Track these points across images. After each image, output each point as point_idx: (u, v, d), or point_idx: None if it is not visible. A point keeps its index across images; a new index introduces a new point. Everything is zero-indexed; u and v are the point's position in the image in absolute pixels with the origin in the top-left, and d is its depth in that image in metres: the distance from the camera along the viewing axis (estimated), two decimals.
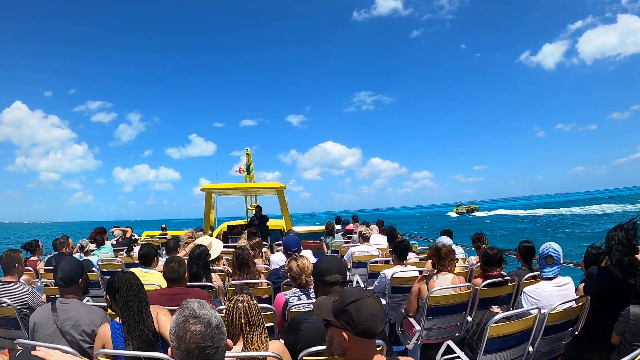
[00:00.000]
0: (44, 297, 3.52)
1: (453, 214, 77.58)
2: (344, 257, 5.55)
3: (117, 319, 2.09)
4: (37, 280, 4.46)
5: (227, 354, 1.84)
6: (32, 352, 1.31)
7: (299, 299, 2.75)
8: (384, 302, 3.92)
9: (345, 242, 7.68)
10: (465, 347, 3.00)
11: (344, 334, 1.39)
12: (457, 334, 3.34)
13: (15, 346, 1.87)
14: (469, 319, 3.33)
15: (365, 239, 5.83)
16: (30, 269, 4.77)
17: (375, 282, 4.23)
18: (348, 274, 4.74)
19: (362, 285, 4.89)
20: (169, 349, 1.26)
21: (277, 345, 1.92)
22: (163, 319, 2.13)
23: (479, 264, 3.85)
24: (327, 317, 1.47)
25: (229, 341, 1.29)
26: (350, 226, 9.27)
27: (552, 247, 3.01)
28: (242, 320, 1.85)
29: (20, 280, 3.25)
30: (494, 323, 2.41)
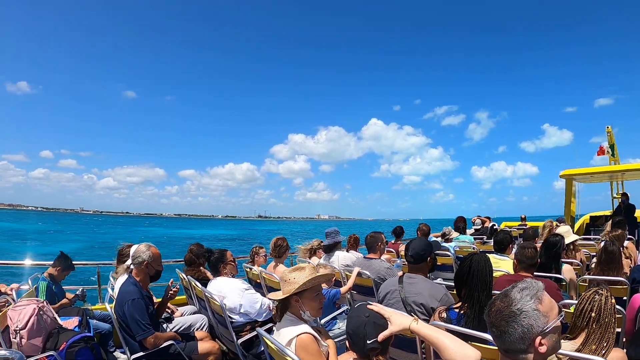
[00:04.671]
0: (400, 272, 4.22)
1: None
2: None
3: (455, 309, 2.16)
4: (397, 259, 5.48)
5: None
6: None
7: None
8: None
9: None
10: None
11: None
12: None
13: None
14: None
15: None
16: (393, 250, 5.98)
17: None
18: None
19: None
20: None
21: (617, 355, 1.72)
22: None
23: None
24: None
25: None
26: None
27: None
28: (592, 314, 1.72)
29: (382, 257, 4.06)
30: None
